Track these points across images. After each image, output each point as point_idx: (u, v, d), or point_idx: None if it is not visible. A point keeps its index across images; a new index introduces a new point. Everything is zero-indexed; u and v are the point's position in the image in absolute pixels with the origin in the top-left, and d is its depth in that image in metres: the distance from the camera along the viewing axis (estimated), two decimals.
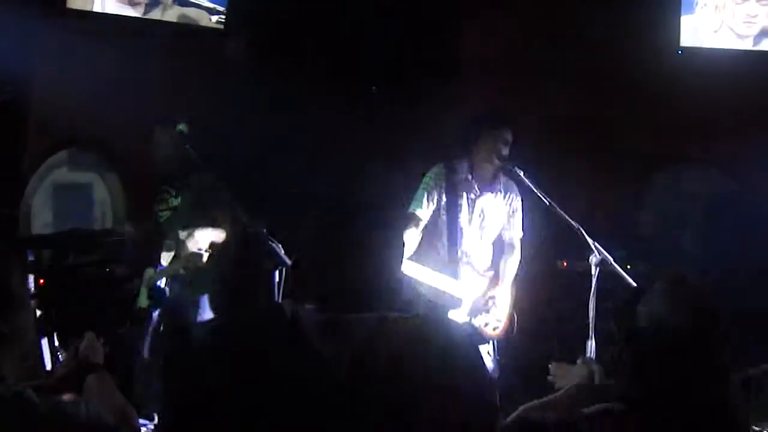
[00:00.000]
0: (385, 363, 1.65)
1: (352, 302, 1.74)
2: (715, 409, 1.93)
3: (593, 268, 3.95)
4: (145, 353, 4.65)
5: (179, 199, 4.66)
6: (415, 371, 1.66)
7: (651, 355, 1.97)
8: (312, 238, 1.82)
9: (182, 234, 4.44)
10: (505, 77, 5.89)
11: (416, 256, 4.41)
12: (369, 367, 1.65)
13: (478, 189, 4.54)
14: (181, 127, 4.52)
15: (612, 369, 2.15)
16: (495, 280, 4.59)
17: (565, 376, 2.47)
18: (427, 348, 1.69)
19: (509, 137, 4.43)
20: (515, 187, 4.59)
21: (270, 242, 4.00)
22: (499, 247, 4.71)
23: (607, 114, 5.95)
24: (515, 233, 4.68)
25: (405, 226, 1.90)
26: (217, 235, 4.41)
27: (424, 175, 4.60)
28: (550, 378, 2.53)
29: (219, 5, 5.52)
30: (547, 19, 5.95)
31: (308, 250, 1.83)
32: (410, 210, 4.51)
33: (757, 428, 3.19)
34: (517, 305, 4.66)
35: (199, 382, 1.67)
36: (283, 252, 3.58)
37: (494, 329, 4.51)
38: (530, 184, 4.24)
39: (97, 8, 5.18)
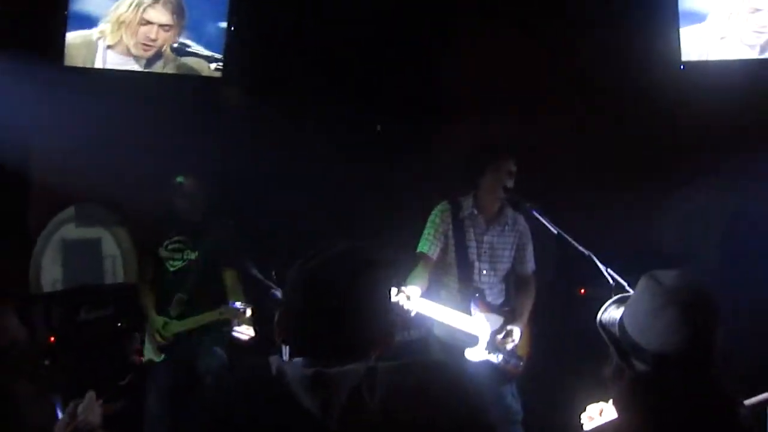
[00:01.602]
0: (375, 415, 1.59)
1: (339, 352, 1.68)
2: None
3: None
4: (155, 405, 4.61)
5: (195, 254, 4.64)
6: (407, 422, 1.60)
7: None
8: (294, 288, 1.76)
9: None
10: (506, 105, 5.85)
11: (429, 295, 4.34)
12: (358, 421, 1.59)
13: (485, 223, 4.50)
14: (180, 178, 4.54)
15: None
16: (511, 315, 4.51)
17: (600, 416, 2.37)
18: (419, 396, 1.63)
19: (513, 168, 4.38)
20: (523, 220, 4.54)
21: (274, 291, 3.99)
22: (513, 281, 4.65)
23: (612, 135, 5.89)
24: (528, 266, 4.62)
25: (393, 269, 1.81)
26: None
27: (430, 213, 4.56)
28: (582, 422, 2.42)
29: (216, 53, 5.51)
30: (547, 44, 5.93)
31: (291, 301, 1.77)
32: (418, 249, 4.48)
33: None
34: (536, 336, 4.58)
35: None
36: None
37: (515, 366, 4.42)
38: (538, 216, 4.16)
39: (98, 64, 5.18)
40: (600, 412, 2.35)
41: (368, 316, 1.73)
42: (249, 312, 4.38)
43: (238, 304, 4.39)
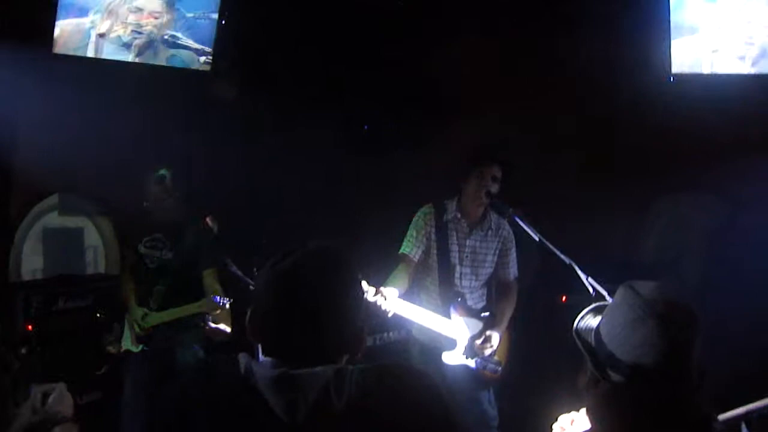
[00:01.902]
0: (342, 418, 1.58)
1: (308, 353, 1.67)
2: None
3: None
4: (131, 396, 4.59)
5: (172, 254, 4.62)
6: (374, 425, 1.60)
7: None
8: (264, 287, 1.74)
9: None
10: (495, 111, 5.85)
11: (409, 297, 4.32)
12: (324, 422, 1.58)
13: (468, 228, 4.48)
14: (163, 171, 4.51)
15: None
16: (491, 320, 4.49)
17: (571, 426, 2.36)
18: (386, 400, 1.62)
19: (498, 173, 4.36)
20: (507, 225, 4.52)
21: (252, 287, 3.97)
22: (495, 286, 4.64)
23: (601, 144, 5.90)
24: (510, 272, 4.60)
25: (361, 270, 1.80)
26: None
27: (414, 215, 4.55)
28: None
29: (206, 46, 5.49)
30: (537, 51, 5.93)
31: (261, 300, 1.74)
32: (401, 251, 4.47)
33: None
34: (515, 343, 4.57)
35: None
36: None
37: (493, 372, 4.40)
38: (520, 222, 4.13)
39: (90, 53, 5.14)
40: (571, 422, 2.33)
41: (338, 317, 1.72)
42: (227, 305, 4.37)
43: (218, 298, 4.38)
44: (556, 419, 2.37)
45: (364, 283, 1.82)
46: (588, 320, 2.04)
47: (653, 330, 1.85)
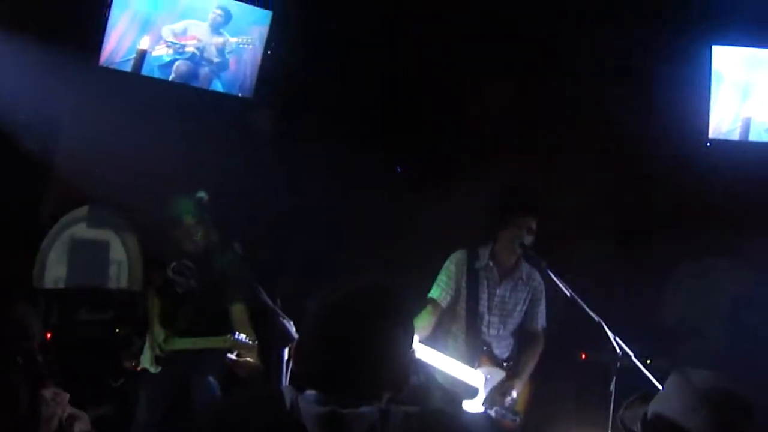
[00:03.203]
0: None
1: (352, 389, 1.65)
2: None
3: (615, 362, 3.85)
4: (144, 416, 4.56)
5: (197, 284, 4.61)
6: None
7: None
8: (315, 318, 1.73)
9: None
10: (531, 166, 5.84)
11: (433, 342, 4.32)
12: None
13: (499, 276, 4.48)
14: (201, 194, 4.49)
15: None
16: (514, 370, 4.48)
17: None
18: None
19: (533, 225, 4.37)
20: (538, 276, 4.51)
21: (281, 319, 3.94)
22: (521, 336, 4.62)
23: (632, 204, 5.88)
24: (538, 323, 4.59)
25: (415, 312, 1.78)
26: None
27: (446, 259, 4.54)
28: None
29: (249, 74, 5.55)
30: (576, 105, 5.93)
31: (311, 330, 1.74)
32: (429, 294, 4.47)
33: None
34: (535, 397, 4.54)
35: None
36: (294, 330, 3.49)
37: (512, 422, 4.38)
38: (553, 276, 4.15)
39: (132, 68, 5.19)
40: None
41: (387, 354, 1.70)
42: (251, 344, 4.30)
43: (243, 338, 4.32)
44: None
45: None
46: (635, 409, 1.99)
47: (707, 420, 1.82)
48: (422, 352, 4.13)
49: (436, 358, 4.25)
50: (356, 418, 1.59)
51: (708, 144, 5.60)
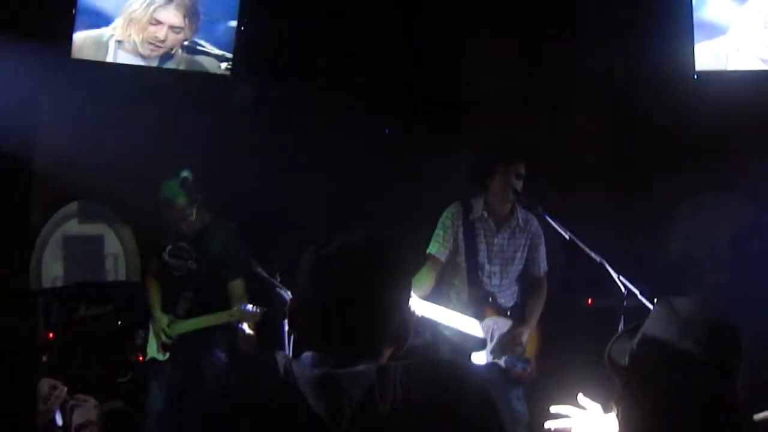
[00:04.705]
0: (386, 420, 1.51)
1: (350, 347, 1.59)
2: None
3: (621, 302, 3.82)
4: (159, 404, 4.53)
5: (196, 265, 4.57)
6: (421, 423, 1.52)
7: (655, 387, 1.78)
8: (307, 273, 1.64)
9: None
10: (519, 110, 5.80)
11: (437, 297, 4.31)
12: (369, 425, 1.51)
13: (495, 225, 4.45)
14: (185, 173, 4.46)
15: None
16: (521, 318, 4.47)
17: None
18: (432, 399, 1.55)
19: (522, 170, 4.34)
20: (535, 221, 4.49)
21: (279, 290, 3.92)
22: (525, 283, 4.60)
23: (626, 144, 5.84)
24: (540, 268, 4.57)
25: (412, 266, 1.71)
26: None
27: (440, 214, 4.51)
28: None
29: (226, 52, 5.45)
30: (560, 52, 5.88)
31: (303, 286, 1.65)
32: (428, 251, 4.44)
33: None
34: (544, 345, 4.51)
35: None
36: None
37: (522, 370, 4.38)
38: (550, 220, 4.12)
39: (109, 59, 5.11)
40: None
41: (384, 309, 1.63)
42: (260, 313, 4.30)
43: (250, 307, 4.31)
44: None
45: None
46: (622, 343, 1.93)
47: (694, 348, 1.76)
48: (426, 309, 4.11)
49: (441, 314, 4.23)
50: (352, 379, 1.52)
51: (695, 77, 5.54)
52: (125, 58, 5.15)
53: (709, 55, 5.44)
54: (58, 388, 2.16)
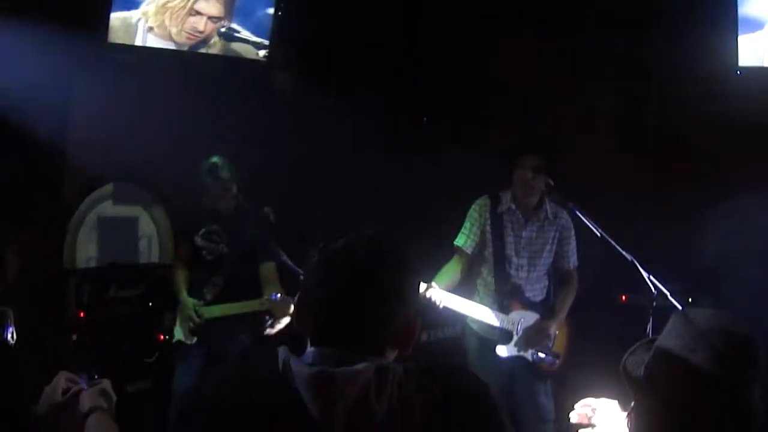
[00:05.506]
0: (381, 421, 1.47)
1: (353, 344, 1.55)
2: None
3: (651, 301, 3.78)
4: (184, 388, 4.56)
5: (228, 249, 4.58)
6: (417, 424, 1.49)
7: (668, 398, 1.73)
8: (314, 269, 1.62)
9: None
10: (556, 104, 5.72)
11: (465, 290, 4.29)
12: (363, 425, 1.47)
13: (524, 218, 4.42)
14: (215, 159, 4.47)
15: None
16: (549, 312, 4.43)
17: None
18: (430, 397, 1.52)
19: (537, 162, 4.27)
20: (565, 214, 4.44)
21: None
22: (555, 277, 4.56)
23: (665, 139, 5.73)
24: (570, 262, 4.53)
25: (419, 267, 1.67)
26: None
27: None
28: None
29: (263, 39, 5.45)
30: (604, 46, 5.78)
31: (310, 282, 1.63)
32: (455, 243, 4.44)
33: None
34: (574, 340, 4.47)
35: None
36: None
37: (550, 364, 4.35)
38: (582, 217, 4.08)
39: (138, 42, 5.12)
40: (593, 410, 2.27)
41: (387, 309, 1.59)
42: (291, 305, 4.27)
43: (279, 296, 4.29)
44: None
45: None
46: (639, 354, 1.88)
47: (708, 359, 1.70)
48: (454, 301, 4.12)
49: (468, 307, 4.24)
50: (348, 377, 1.48)
51: (738, 72, 5.41)
52: (155, 41, 5.16)
53: (748, 51, 5.33)
54: (76, 383, 2.13)
